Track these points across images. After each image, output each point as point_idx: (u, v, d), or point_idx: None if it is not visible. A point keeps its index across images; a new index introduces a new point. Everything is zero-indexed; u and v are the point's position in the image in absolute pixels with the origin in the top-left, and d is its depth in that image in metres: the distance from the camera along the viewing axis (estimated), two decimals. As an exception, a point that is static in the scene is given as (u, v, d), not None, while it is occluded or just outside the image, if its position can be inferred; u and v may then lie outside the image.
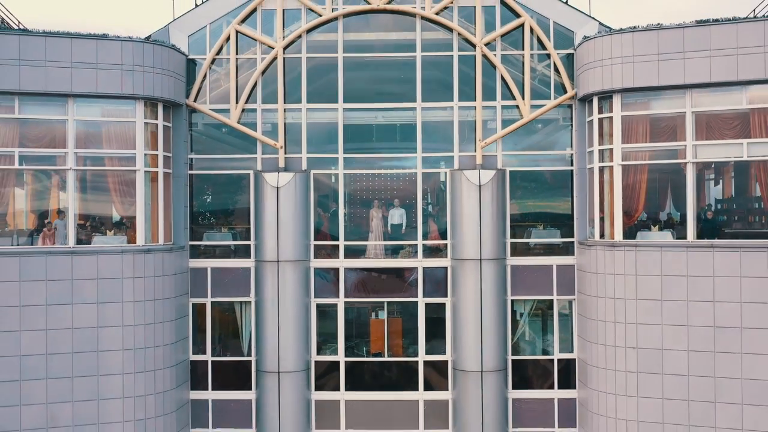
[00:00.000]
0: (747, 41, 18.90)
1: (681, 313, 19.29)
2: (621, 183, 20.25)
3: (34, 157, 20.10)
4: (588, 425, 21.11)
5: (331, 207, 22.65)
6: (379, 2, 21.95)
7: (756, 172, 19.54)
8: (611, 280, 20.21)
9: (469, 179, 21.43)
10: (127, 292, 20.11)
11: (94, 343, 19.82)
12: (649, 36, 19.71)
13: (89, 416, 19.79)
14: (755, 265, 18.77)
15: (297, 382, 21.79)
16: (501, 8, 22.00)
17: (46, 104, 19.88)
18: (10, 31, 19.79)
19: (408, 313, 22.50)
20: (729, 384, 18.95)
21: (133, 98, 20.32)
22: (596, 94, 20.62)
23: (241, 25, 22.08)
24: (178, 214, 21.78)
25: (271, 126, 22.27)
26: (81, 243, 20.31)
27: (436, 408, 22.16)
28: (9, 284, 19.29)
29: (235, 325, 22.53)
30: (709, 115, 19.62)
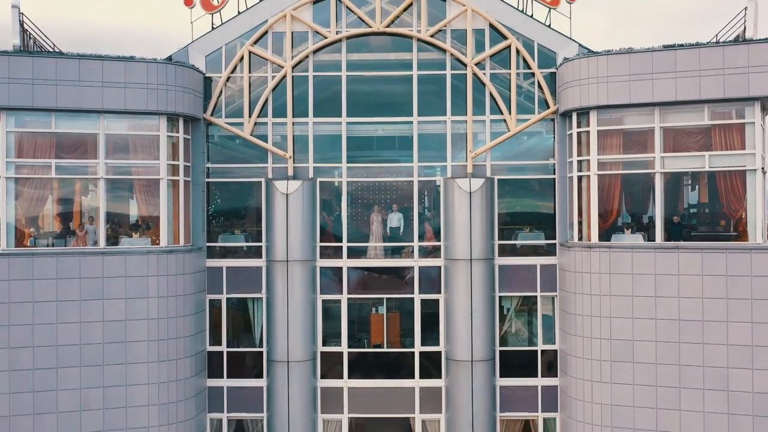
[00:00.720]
0: (708, 64, 21.11)
1: (649, 307, 21.49)
2: (597, 190, 22.47)
3: (68, 167, 22.27)
4: (568, 410, 23.31)
5: (335, 211, 24.84)
6: (379, 26, 24.15)
7: (717, 181, 21.75)
8: (588, 278, 22.42)
9: (461, 187, 23.63)
10: (152, 288, 22.31)
11: (123, 335, 22.02)
12: (621, 59, 21.92)
13: (118, 400, 21.98)
14: (715, 264, 20.98)
15: (304, 371, 23.99)
16: (490, 31, 24.18)
17: (79, 119, 22.08)
18: (47, 54, 21.98)
19: (405, 308, 24.68)
20: (692, 371, 21.15)
21: (157, 114, 22.53)
22: (575, 110, 22.82)
23: (253, 46, 24.27)
24: (197, 218, 23.98)
25: (281, 138, 24.45)
26: (110, 244, 22.50)
27: (430, 394, 24.36)
28: (47, 281, 21.50)
29: (248, 319, 24.71)
30: (675, 130, 21.82)
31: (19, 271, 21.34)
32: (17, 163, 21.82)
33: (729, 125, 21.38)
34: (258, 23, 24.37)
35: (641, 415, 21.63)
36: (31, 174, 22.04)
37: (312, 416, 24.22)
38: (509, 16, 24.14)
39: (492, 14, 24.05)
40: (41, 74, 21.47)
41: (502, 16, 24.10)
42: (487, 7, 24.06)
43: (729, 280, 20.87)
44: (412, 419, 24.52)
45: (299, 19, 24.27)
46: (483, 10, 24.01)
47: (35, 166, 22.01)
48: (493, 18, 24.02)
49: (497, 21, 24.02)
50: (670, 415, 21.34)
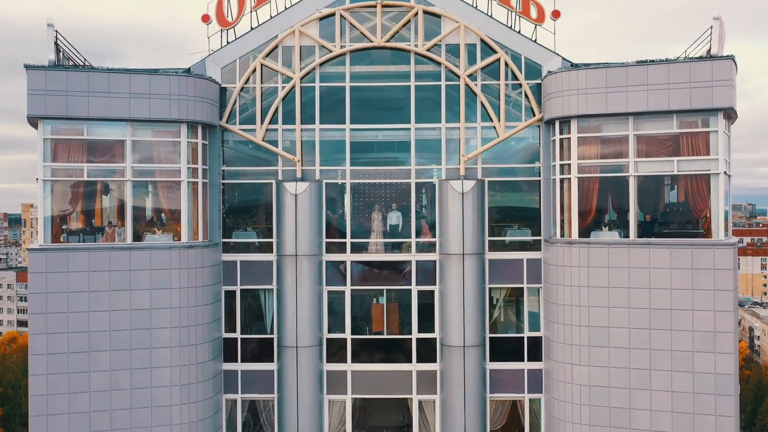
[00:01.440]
0: (676, 78, 23.42)
1: (623, 297, 23.84)
2: (577, 191, 24.79)
3: (98, 170, 24.60)
4: (551, 390, 25.66)
5: (340, 210, 27.17)
6: (380, 40, 26.44)
7: (684, 183, 24.09)
8: (569, 271, 24.76)
9: (454, 188, 25.95)
10: (174, 280, 24.67)
11: (148, 322, 24.38)
12: (598, 73, 24.24)
13: (144, 381, 24.35)
14: (682, 259, 23.33)
15: (312, 356, 26.34)
16: (481, 45, 26.48)
17: (108, 127, 24.40)
18: (80, 69, 24.30)
19: (403, 298, 27.02)
20: (661, 355, 23.51)
21: (179, 122, 24.84)
22: (558, 118, 25.14)
23: (265, 59, 26.57)
24: (213, 216, 26.30)
25: (290, 143, 26.77)
26: (135, 240, 24.83)
27: (426, 377, 26.72)
28: (80, 273, 23.84)
29: (260, 309, 27.04)
30: (647, 137, 24.14)
31: (55, 264, 23.71)
32: (53, 166, 24.16)
33: (695, 133, 23.70)
34: (269, 38, 26.65)
35: (616, 395, 24.00)
36: (65, 177, 24.37)
37: (318, 397, 26.58)
38: (498, 32, 26.43)
39: (483, 30, 26.34)
40: (75, 86, 23.78)
41: (492, 32, 26.38)
42: (478, 23, 26.35)
43: (694, 272, 23.21)
44: (409, 399, 26.90)
45: (307, 34, 26.56)
46: (474, 26, 26.30)
47: (69, 169, 24.33)
48: (483, 33, 26.31)
49: (487, 36, 26.32)
50: (641, 395, 23.71)
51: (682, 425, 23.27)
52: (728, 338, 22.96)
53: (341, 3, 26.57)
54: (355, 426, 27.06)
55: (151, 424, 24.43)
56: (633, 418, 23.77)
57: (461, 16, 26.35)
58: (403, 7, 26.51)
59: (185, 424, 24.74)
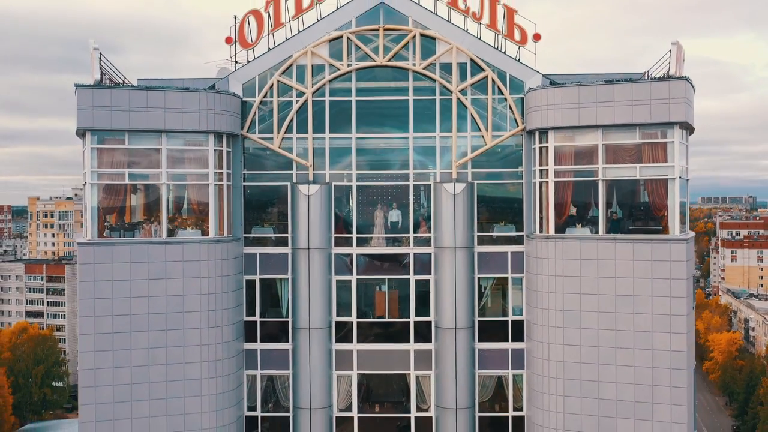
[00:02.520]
0: (639, 96, 27.07)
1: (593, 285, 27.56)
2: (554, 193, 28.48)
3: (137, 175, 28.31)
4: (532, 366, 29.39)
5: (346, 208, 30.84)
6: (382, 60, 30.08)
7: (646, 187, 27.78)
8: (546, 263, 28.46)
9: (447, 190, 29.63)
10: (203, 270, 28.39)
11: (181, 306, 28.11)
12: (572, 90, 27.89)
13: (177, 357, 28.10)
14: (643, 252, 27.04)
15: (322, 336, 30.07)
16: (471, 64, 30.10)
17: (146, 137, 28.07)
18: (122, 87, 28.00)
19: (403, 286, 30.71)
20: (625, 334, 27.23)
21: (206, 132, 28.52)
22: (537, 129, 28.80)
23: (281, 76, 30.21)
24: (236, 214, 29.99)
25: (303, 149, 30.42)
26: (169, 235, 28.54)
27: (422, 355, 30.44)
28: (123, 264, 27.58)
29: (277, 295, 30.73)
30: (614, 146, 27.80)
31: (101, 256, 27.47)
32: (99, 172, 27.88)
33: (655, 143, 27.38)
34: (284, 57, 30.28)
35: (586, 369, 27.74)
36: (109, 180, 28.08)
37: (328, 372, 30.32)
38: (486, 52, 30.05)
39: (472, 50, 29.97)
40: (117, 102, 27.47)
41: (480, 52, 30.01)
42: (468, 44, 29.98)
43: (653, 264, 26.93)
44: (408, 375, 30.63)
45: (318, 54, 30.21)
46: (465, 47, 29.93)
47: (112, 174, 28.04)
48: (473, 54, 29.95)
49: (476, 56, 29.95)
50: (608, 369, 27.44)
51: (642, 395, 27.02)
52: (682, 320, 26.69)
53: (348, 27, 30.20)
54: (360, 399, 30.79)
55: (183, 395, 28.19)
56: (601, 390, 27.52)
57: (453, 38, 29.97)
58: (402, 31, 30.14)
59: (213, 395, 28.52)
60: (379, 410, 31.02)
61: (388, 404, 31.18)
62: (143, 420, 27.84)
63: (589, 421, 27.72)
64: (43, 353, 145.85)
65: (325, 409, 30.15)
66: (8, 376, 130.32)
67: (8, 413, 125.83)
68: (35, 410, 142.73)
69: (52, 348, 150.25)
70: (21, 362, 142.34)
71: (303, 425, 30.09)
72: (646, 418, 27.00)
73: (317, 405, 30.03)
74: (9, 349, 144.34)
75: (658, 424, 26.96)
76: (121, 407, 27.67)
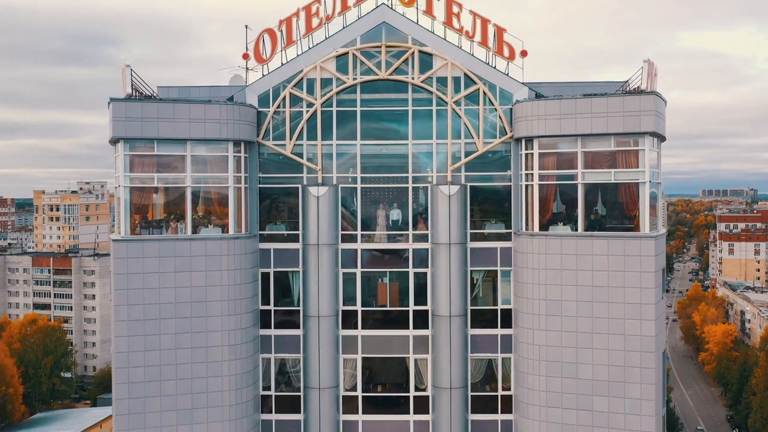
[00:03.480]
0: (614, 108, 30.31)
1: (572, 277, 30.85)
2: (538, 195, 31.75)
3: (165, 178, 31.60)
4: (518, 351, 32.72)
5: (352, 208, 34.10)
6: (384, 74, 33.32)
7: (620, 189, 31.06)
8: (531, 257, 31.75)
9: (443, 191, 32.91)
10: (224, 263, 31.70)
11: (204, 296, 31.42)
12: (554, 103, 31.13)
13: (201, 342, 31.44)
14: (617, 247, 30.34)
15: (330, 323, 33.41)
16: (464, 78, 33.33)
17: (172, 145, 31.35)
18: (152, 100, 31.28)
19: (403, 278, 34.00)
20: (600, 321, 30.54)
21: (227, 140, 31.79)
22: (523, 137, 32.06)
23: (293, 89, 33.46)
24: (252, 213, 33.27)
25: (313, 155, 33.66)
26: (193, 233, 31.83)
27: (420, 340, 33.78)
28: (152, 258, 30.90)
29: (289, 286, 34.02)
30: (592, 153, 31.06)
31: (133, 251, 30.82)
32: (131, 176, 31.18)
33: (628, 150, 30.65)
34: (295, 71, 33.52)
35: (567, 352, 31.05)
36: (139, 184, 31.40)
37: (335, 356, 33.66)
38: (479, 67, 33.29)
39: (466, 65, 33.20)
40: (147, 114, 30.75)
41: (473, 67, 33.24)
42: (462, 60, 33.22)
43: (626, 258, 30.22)
44: (407, 358, 33.96)
45: (326, 69, 33.47)
46: (459, 62, 33.17)
47: (142, 177, 31.35)
48: (466, 68, 33.18)
49: (469, 71, 33.19)
50: (585, 352, 30.75)
51: (616, 375, 30.35)
52: (650, 308, 30.01)
53: (353, 44, 33.44)
54: (364, 379, 34.12)
55: (206, 375, 31.55)
56: (579, 370, 30.85)
57: (449, 54, 33.21)
58: (402, 47, 33.38)
59: (232, 375, 31.87)
60: (381, 390, 34.36)
61: (390, 385, 34.51)
62: (171, 397, 31.20)
63: (568, 399, 31.06)
64: (52, 344, 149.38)
65: (332, 389, 33.52)
66: (18, 366, 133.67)
67: (18, 402, 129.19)
68: (44, 400, 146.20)
69: (60, 339, 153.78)
70: (31, 353, 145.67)
71: (313, 403, 33.46)
72: (619, 395, 30.34)
73: (325, 385, 33.40)
74: (19, 340, 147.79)
75: (629, 401, 30.30)
76: (151, 386, 31.02)
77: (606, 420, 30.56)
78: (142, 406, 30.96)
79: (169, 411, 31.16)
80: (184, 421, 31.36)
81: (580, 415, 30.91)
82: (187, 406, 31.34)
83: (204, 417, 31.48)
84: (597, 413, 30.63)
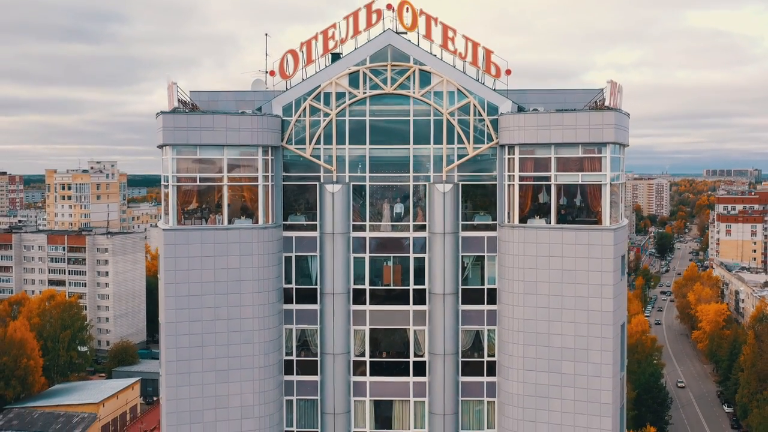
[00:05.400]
0: (581, 122, 36.28)
1: (545, 261, 36.99)
2: (518, 192, 37.81)
3: (205, 178, 37.73)
4: (501, 323, 38.94)
5: (361, 202, 40.18)
6: (389, 88, 39.30)
7: (587, 189, 37.13)
8: (512, 245, 37.88)
9: (438, 189, 38.99)
10: (254, 249, 37.89)
11: (238, 276, 37.63)
12: (532, 116, 37.12)
13: (235, 314, 37.70)
14: (583, 237, 36.46)
15: (343, 299, 39.65)
16: (457, 92, 39.28)
17: (212, 150, 37.45)
18: (196, 113, 37.38)
19: (404, 262, 40.17)
20: (568, 299, 36.66)
21: (257, 146, 37.87)
22: (506, 144, 38.09)
23: (312, 101, 39.45)
24: (277, 206, 39.39)
25: (329, 157, 39.70)
26: (229, 223, 37.99)
27: (419, 314, 40.01)
28: (195, 245, 37.14)
29: (308, 268, 40.20)
30: (563, 158, 37.07)
31: (180, 239, 37.04)
32: (177, 176, 37.31)
33: (592, 157, 36.68)
34: (314, 86, 39.50)
35: (540, 325, 37.27)
36: (185, 182, 37.54)
37: (347, 327, 39.94)
38: (470, 83, 39.22)
39: (459, 82, 39.15)
40: (192, 124, 36.84)
41: (465, 84, 39.19)
42: (456, 77, 39.17)
43: (590, 247, 36.35)
44: (408, 329, 40.22)
45: (340, 84, 39.45)
46: (453, 79, 39.12)
47: (187, 177, 37.48)
48: (459, 85, 39.14)
49: (462, 86, 39.15)
50: (555, 324, 36.97)
51: (580, 343, 36.59)
52: (609, 288, 36.19)
53: (363, 63, 39.39)
54: (371, 347, 40.36)
55: (240, 342, 37.86)
56: (550, 340, 37.07)
57: (444, 72, 39.14)
58: (404, 66, 39.33)
59: (261, 342, 38.20)
60: (386, 356, 40.68)
61: (393, 351, 40.79)
62: (210, 360, 37.56)
63: (542, 363, 37.33)
64: (69, 319, 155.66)
65: (344, 355, 39.86)
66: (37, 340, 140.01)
67: (39, 374, 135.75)
68: (62, 372, 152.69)
69: (77, 314, 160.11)
70: (49, 327, 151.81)
71: (328, 366, 39.81)
72: (582, 360, 36.60)
73: (339, 351, 39.74)
74: (38, 315, 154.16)
75: (591, 365, 36.56)
76: (194, 350, 37.36)
77: (572, 381, 36.85)
78: (187, 367, 37.31)
79: (209, 371, 37.54)
80: (222, 380, 37.73)
81: (551, 377, 37.20)
82: (223, 367, 37.68)
83: (238, 377, 37.84)
84: (565, 375, 36.92)
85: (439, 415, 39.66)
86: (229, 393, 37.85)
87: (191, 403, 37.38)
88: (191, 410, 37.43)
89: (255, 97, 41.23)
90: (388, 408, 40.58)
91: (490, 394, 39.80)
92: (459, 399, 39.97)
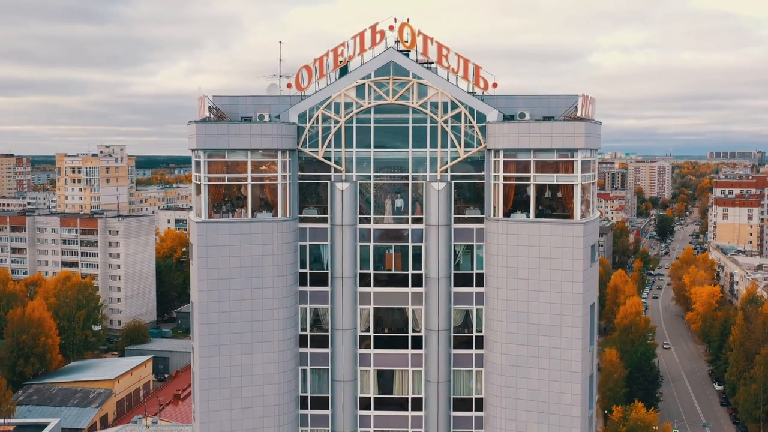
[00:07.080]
0: (557, 130, 42.12)
1: (525, 251, 42.95)
2: (502, 190, 43.72)
3: (232, 177, 43.70)
4: (487, 303, 44.97)
5: (366, 197, 46.08)
6: (391, 99, 45.10)
7: (561, 188, 43.04)
8: (497, 236, 43.85)
9: (434, 187, 44.89)
10: (275, 238, 43.85)
11: (260, 262, 43.62)
12: (515, 125, 42.96)
13: (258, 294, 43.68)
14: (557, 229, 42.40)
15: (350, 283, 45.69)
16: (451, 102, 45.05)
17: (238, 153, 43.37)
18: (224, 121, 43.33)
19: (404, 250, 46.14)
20: (544, 282, 42.63)
21: (276, 150, 43.79)
22: (492, 149, 43.96)
23: (324, 110, 45.29)
24: (294, 201, 45.34)
25: (338, 158, 45.57)
26: (253, 216, 43.94)
27: (417, 295, 46.03)
28: (224, 235, 43.18)
29: (320, 255, 46.15)
30: (542, 161, 42.93)
31: (211, 231, 43.09)
32: (208, 176, 43.29)
33: (566, 161, 42.55)
34: (326, 97, 45.30)
35: (520, 305, 43.29)
36: (214, 182, 43.52)
37: (354, 306, 46.00)
38: (461, 95, 45.01)
39: (452, 94, 44.93)
40: (221, 131, 42.77)
41: (457, 95, 44.97)
42: (450, 90, 44.96)
43: (563, 237, 42.30)
44: (407, 308, 46.28)
45: (348, 95, 45.27)
46: (447, 92, 44.91)
47: (216, 177, 43.45)
48: (452, 96, 44.93)
49: (455, 97, 44.94)
50: (533, 304, 43.00)
51: (555, 318, 42.63)
52: (579, 273, 42.19)
53: (368, 77, 45.19)
54: (374, 323, 46.39)
55: (262, 319, 43.96)
56: (529, 317, 43.12)
57: (439, 85, 44.93)
58: (404, 80, 45.12)
59: (281, 319, 44.32)
60: (388, 331, 46.77)
61: (393, 328, 46.88)
62: (237, 334, 43.71)
63: (521, 338, 43.42)
64: (84, 299, 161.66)
65: (352, 330, 46.01)
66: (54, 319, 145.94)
67: (56, 352, 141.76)
68: (77, 350, 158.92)
69: (92, 294, 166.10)
70: (65, 307, 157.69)
71: (337, 340, 45.97)
72: (556, 335, 42.69)
73: (347, 327, 45.88)
74: (54, 295, 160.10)
75: (564, 339, 42.63)
76: (223, 326, 43.50)
77: (548, 353, 42.93)
78: (216, 340, 43.47)
79: (236, 344, 43.72)
80: (246, 351, 43.91)
81: (529, 349, 43.29)
82: (248, 341, 43.84)
83: (260, 348, 44.02)
84: (541, 348, 43.01)
85: (434, 382, 45.82)
86: (252, 363, 43.99)
87: (221, 371, 43.59)
88: (221, 377, 43.63)
89: (271, 101, 46.87)
90: (390, 376, 46.78)
91: (478, 365, 45.89)
92: (451, 369, 46.10)
